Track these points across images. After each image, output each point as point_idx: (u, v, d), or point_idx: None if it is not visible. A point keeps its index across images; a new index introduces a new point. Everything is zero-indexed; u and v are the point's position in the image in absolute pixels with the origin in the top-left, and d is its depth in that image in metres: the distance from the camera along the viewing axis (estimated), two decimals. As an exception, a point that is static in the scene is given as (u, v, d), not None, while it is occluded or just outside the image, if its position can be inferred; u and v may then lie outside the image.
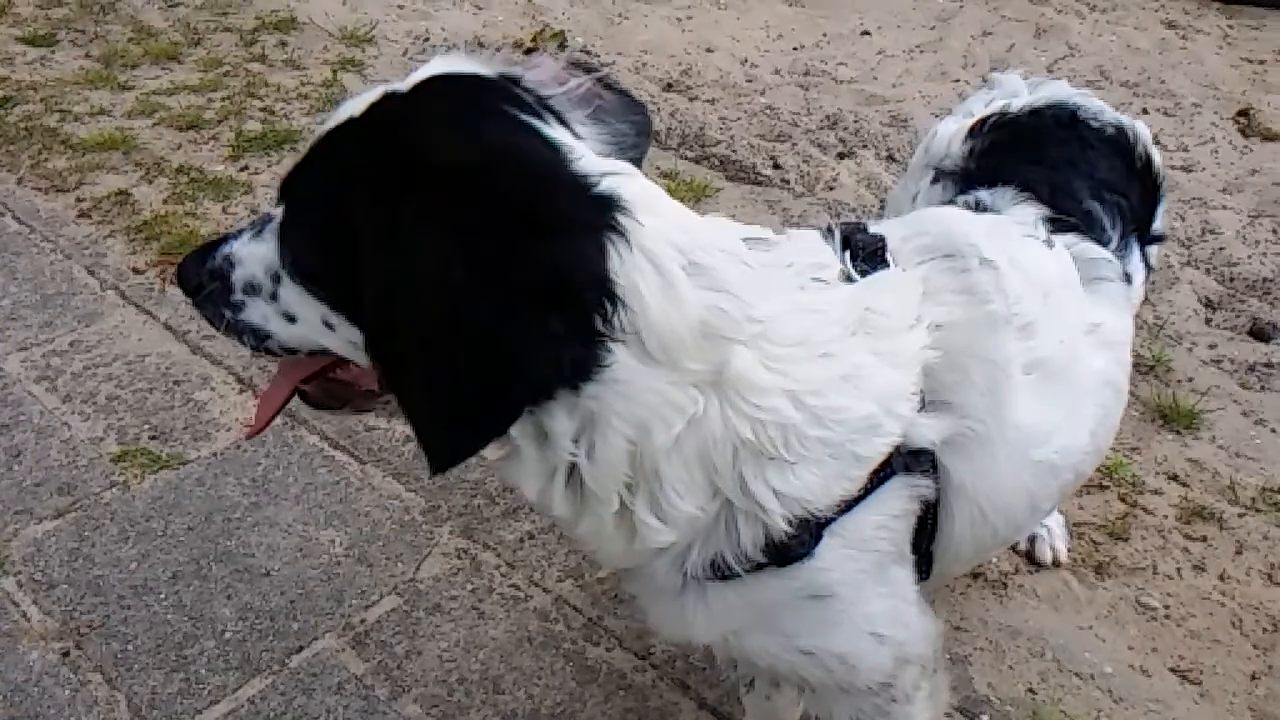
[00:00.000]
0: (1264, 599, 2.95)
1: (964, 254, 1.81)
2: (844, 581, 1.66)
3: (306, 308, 1.55)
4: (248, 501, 3.15)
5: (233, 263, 1.62)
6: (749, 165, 6.24)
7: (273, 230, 1.59)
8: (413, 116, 1.47)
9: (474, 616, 2.81)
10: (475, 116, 1.47)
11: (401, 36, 7.23)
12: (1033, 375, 1.81)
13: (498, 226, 1.31)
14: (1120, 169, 2.31)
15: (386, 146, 1.42)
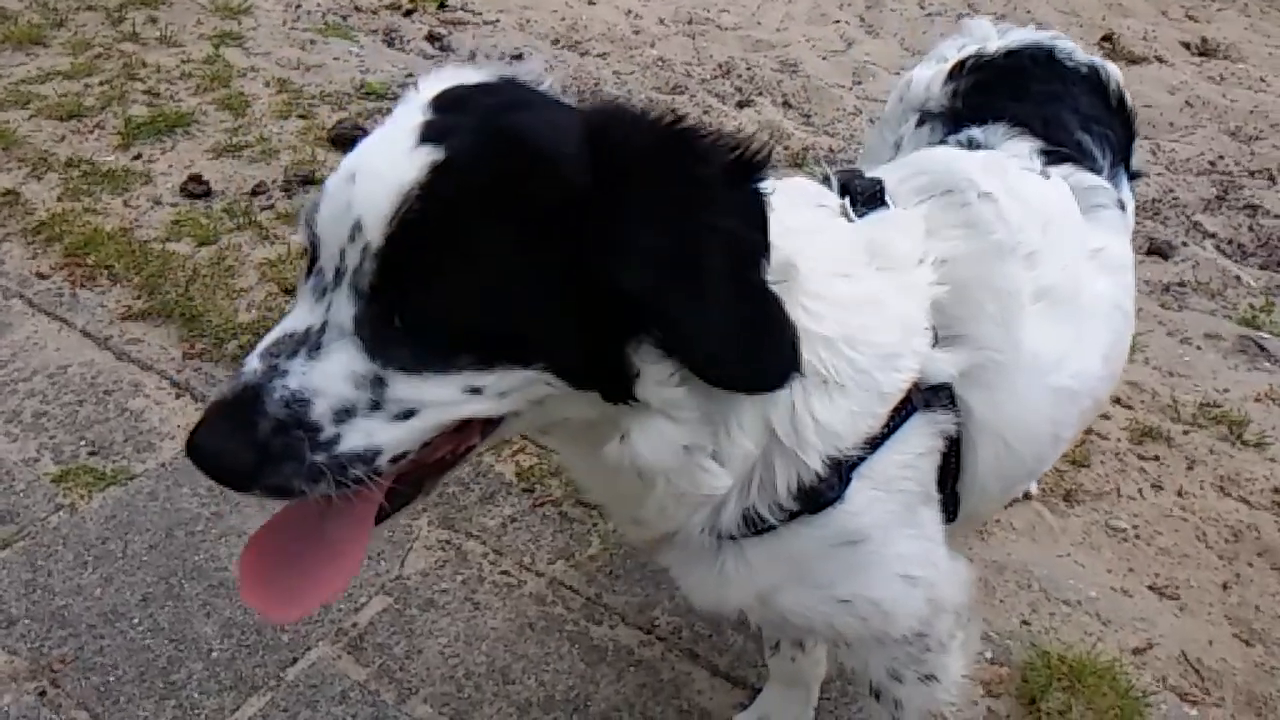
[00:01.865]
0: (1221, 511, 3.09)
1: (962, 189, 1.82)
2: (874, 524, 1.67)
3: (438, 389, 1.35)
4: (208, 512, 3.01)
5: (307, 399, 1.30)
6: (651, 119, 6.18)
7: (343, 337, 1.32)
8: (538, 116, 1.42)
9: (469, 608, 2.75)
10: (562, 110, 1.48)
11: (273, 5, 6.92)
12: (1041, 303, 1.84)
13: (725, 184, 1.38)
14: (1099, 105, 2.36)
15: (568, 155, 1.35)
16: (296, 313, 1.36)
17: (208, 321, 3.66)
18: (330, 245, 1.33)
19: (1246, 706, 2.52)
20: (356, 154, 1.40)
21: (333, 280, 1.33)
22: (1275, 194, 5.86)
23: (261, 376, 1.31)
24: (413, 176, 1.30)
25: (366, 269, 1.30)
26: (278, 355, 1.32)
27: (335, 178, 1.37)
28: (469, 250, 1.30)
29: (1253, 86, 7.36)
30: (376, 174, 1.32)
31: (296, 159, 4.70)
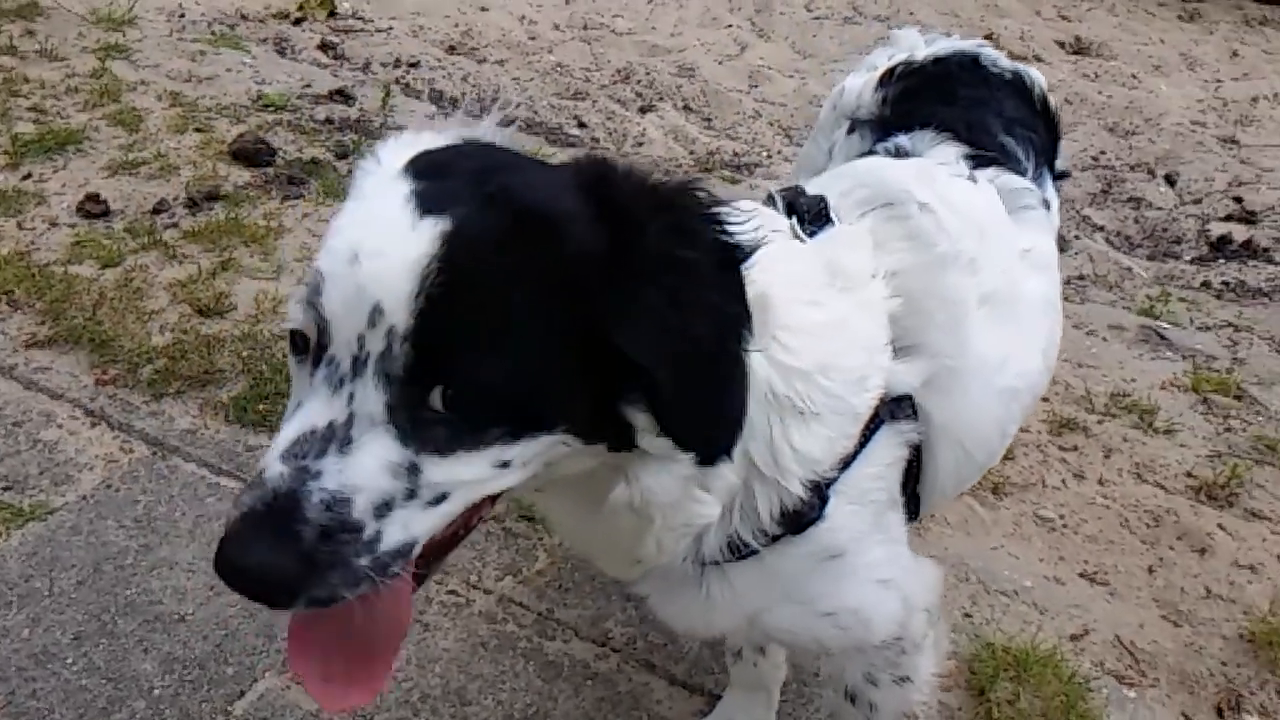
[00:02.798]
0: (1139, 497, 3.23)
1: (902, 201, 1.88)
2: (851, 537, 1.70)
3: (469, 467, 1.31)
4: (136, 544, 2.90)
5: (347, 498, 1.23)
6: (554, 126, 6.18)
7: (374, 427, 1.26)
8: (538, 185, 1.38)
9: (419, 630, 2.70)
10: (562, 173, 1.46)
11: (154, 14, 6.70)
12: (985, 308, 1.90)
13: (717, 264, 1.39)
14: (1023, 109, 2.46)
15: (580, 224, 1.33)
16: (311, 407, 1.27)
17: (120, 346, 3.52)
18: (344, 333, 1.26)
19: (1180, 685, 2.63)
20: (348, 232, 1.32)
21: (351, 369, 1.26)
22: (1155, 187, 6.15)
23: (292, 480, 1.22)
24: (425, 250, 1.24)
25: (398, 353, 1.24)
26: (303, 455, 1.24)
27: (331, 260, 1.29)
28: (497, 320, 1.26)
29: (1125, 83, 7.71)
30: (384, 252, 1.26)
31: (198, 174, 4.56)
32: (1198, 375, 3.79)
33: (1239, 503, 3.21)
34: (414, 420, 1.27)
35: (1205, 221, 5.73)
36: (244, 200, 4.42)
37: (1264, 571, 2.96)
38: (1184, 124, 6.96)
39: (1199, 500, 3.22)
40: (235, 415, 3.32)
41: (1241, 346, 4.11)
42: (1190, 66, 8.18)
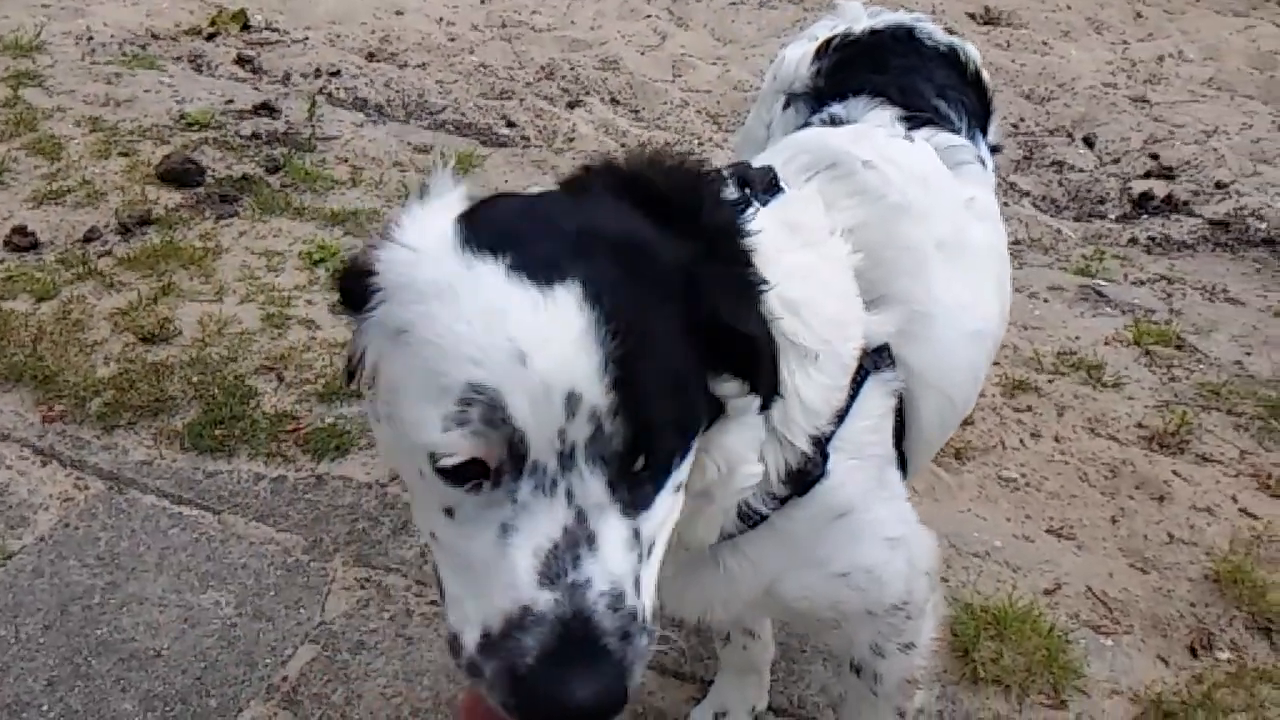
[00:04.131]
0: (1095, 450, 3.31)
1: (845, 161, 1.92)
2: (855, 493, 1.73)
3: (662, 507, 1.32)
4: (103, 583, 2.83)
5: (621, 590, 1.22)
6: (483, 127, 6.14)
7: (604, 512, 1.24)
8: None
9: (403, 644, 2.68)
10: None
11: (61, 38, 6.51)
12: (940, 254, 1.95)
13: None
14: (955, 78, 2.51)
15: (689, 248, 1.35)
16: (534, 523, 1.22)
17: (65, 381, 3.43)
18: (542, 434, 1.20)
19: (1153, 630, 2.71)
20: (485, 333, 1.21)
21: (559, 466, 1.21)
22: (1075, 150, 6.29)
23: (574, 602, 1.19)
24: (584, 318, 1.20)
25: (610, 429, 1.21)
26: (563, 573, 1.20)
27: (492, 369, 1.19)
28: (659, 358, 1.26)
29: (1037, 50, 7.87)
30: (550, 336, 1.20)
31: (127, 199, 4.45)
32: (1138, 329, 3.90)
33: (1190, 449, 3.31)
34: (629, 489, 1.26)
35: (1126, 180, 5.88)
36: (177, 223, 4.33)
37: (1220, 513, 3.06)
38: (1096, 86, 7.12)
39: (1152, 449, 3.31)
40: (191, 442, 3.25)
41: (1176, 298, 4.24)
42: (1097, 30, 8.38)
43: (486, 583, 1.24)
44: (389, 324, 1.32)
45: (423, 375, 1.26)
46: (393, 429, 1.35)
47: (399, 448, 1.35)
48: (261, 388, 3.50)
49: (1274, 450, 3.31)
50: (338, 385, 3.49)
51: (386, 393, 1.36)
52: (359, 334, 1.40)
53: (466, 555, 1.28)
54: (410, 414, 1.28)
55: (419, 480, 1.31)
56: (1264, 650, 2.64)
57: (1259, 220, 5.09)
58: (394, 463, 1.46)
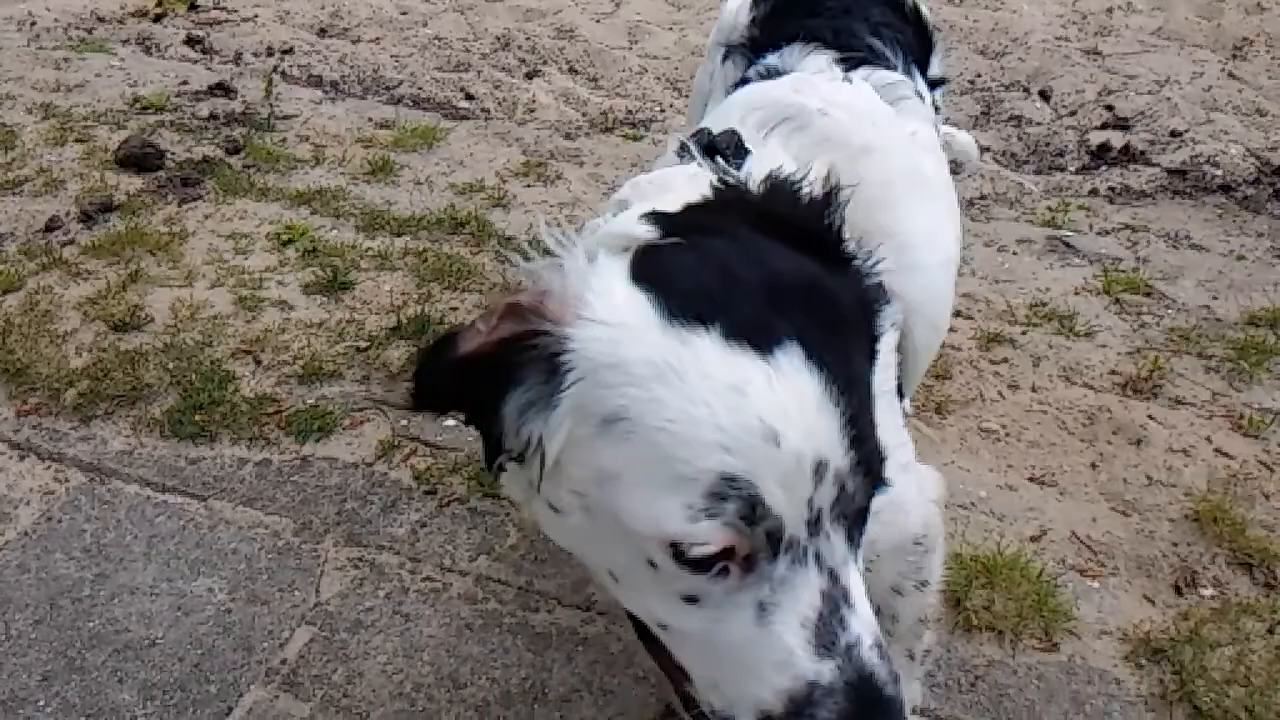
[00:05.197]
0: (1071, 398, 3.36)
1: (798, 113, 1.95)
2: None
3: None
4: (91, 574, 2.80)
5: (880, 644, 1.24)
6: (442, 100, 6.08)
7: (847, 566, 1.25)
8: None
9: (400, 621, 2.68)
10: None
11: (6, 26, 6.37)
12: (906, 187, 2.02)
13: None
14: (891, 15, 2.56)
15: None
16: (793, 598, 1.20)
17: (37, 373, 3.38)
18: (794, 510, 1.19)
19: (1138, 571, 2.77)
20: (732, 419, 1.16)
21: (808, 534, 1.20)
22: (1032, 104, 6.34)
23: (852, 665, 1.19)
24: (814, 385, 1.19)
25: (851, 489, 1.22)
26: (835, 639, 1.20)
27: (742, 456, 1.16)
28: (869, 405, 1.28)
29: (989, 6, 7.90)
30: (792, 411, 1.17)
31: (87, 187, 4.37)
32: (1107, 278, 3.96)
33: (1163, 392, 3.37)
34: (859, 536, 1.28)
35: (1083, 132, 5.93)
36: (140, 208, 4.26)
37: (1196, 454, 3.12)
38: (1049, 40, 7.17)
39: (1126, 395, 3.37)
40: (171, 429, 3.22)
41: (1141, 246, 4.30)
42: (1047, -17, 8.42)
43: (749, 664, 1.22)
44: (592, 410, 1.24)
45: (653, 464, 1.19)
46: (600, 520, 1.29)
47: (610, 537, 1.29)
48: (239, 371, 3.46)
49: (1245, 390, 3.38)
50: (317, 366, 3.47)
51: (590, 483, 1.28)
52: (529, 418, 1.29)
53: (716, 640, 1.25)
54: (638, 505, 1.21)
55: (646, 570, 1.26)
56: (1246, 585, 2.71)
57: (1214, 167, 5.16)
58: (592, 551, 1.40)
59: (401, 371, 3.46)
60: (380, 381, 3.44)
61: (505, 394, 1.30)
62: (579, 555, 1.46)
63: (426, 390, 1.39)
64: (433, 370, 1.38)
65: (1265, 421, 3.23)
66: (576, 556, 1.47)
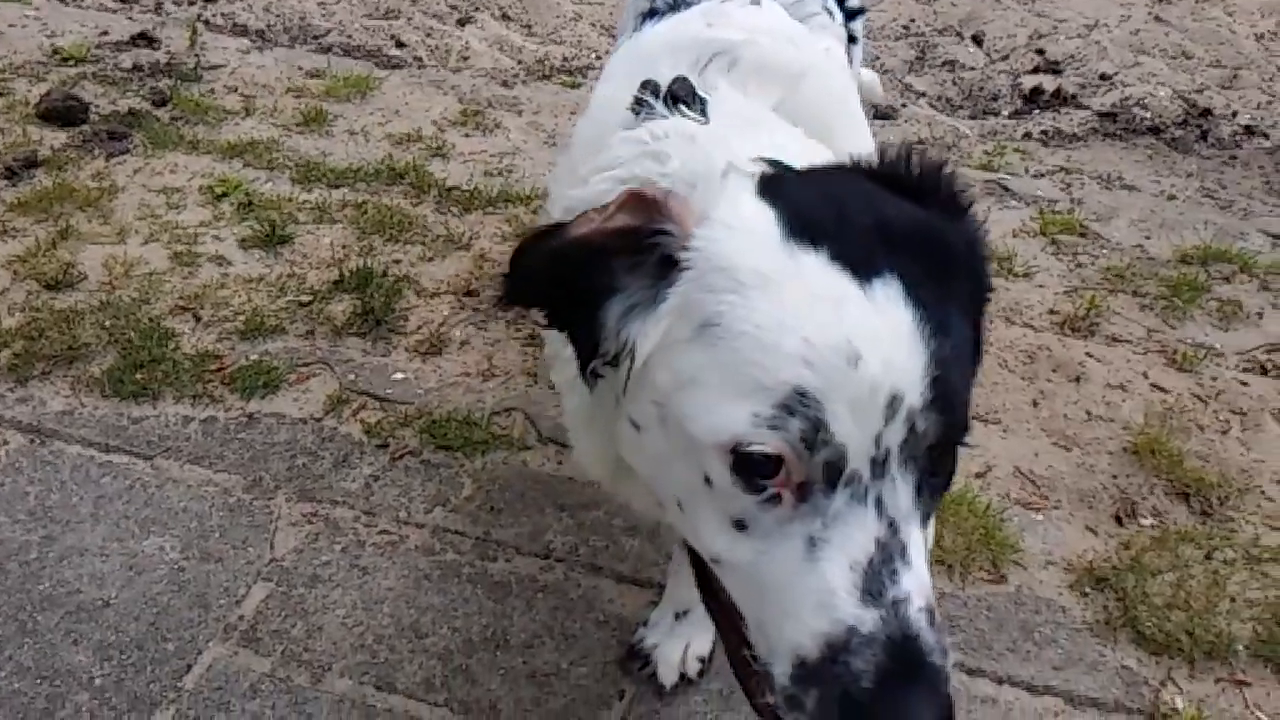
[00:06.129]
0: (1012, 338, 3.43)
1: (725, 48, 1.91)
2: None
3: (927, 531, 1.28)
4: (37, 537, 2.74)
5: (932, 608, 1.17)
6: (373, 49, 5.96)
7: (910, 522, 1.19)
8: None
9: (358, 575, 2.67)
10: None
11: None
12: (845, 103, 2.05)
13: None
14: None
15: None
16: (846, 536, 1.16)
17: (-33, 335, 3.28)
18: (861, 441, 1.15)
19: (1080, 503, 2.85)
20: (820, 334, 1.15)
21: (871, 473, 1.16)
22: (965, 48, 6.39)
23: (898, 619, 1.13)
24: (908, 318, 1.17)
25: (922, 429, 1.16)
26: (882, 589, 1.14)
27: (819, 370, 1.14)
28: (966, 359, 1.24)
29: (920, -49, 7.91)
30: (880, 338, 1.15)
31: (9, 142, 4.22)
32: (1044, 219, 4.03)
33: (1100, 330, 3.46)
34: (929, 495, 1.21)
35: (1016, 76, 6.00)
36: (67, 163, 4.13)
37: (1133, 389, 3.22)
38: (980, -17, 7.21)
39: (1065, 333, 3.45)
40: (112, 389, 3.15)
41: (1075, 187, 4.38)
42: (976, -73, 8.45)
43: (791, 603, 1.18)
44: (692, 313, 1.23)
45: (731, 368, 1.19)
46: (671, 432, 1.26)
47: (676, 450, 1.27)
48: (179, 328, 3.39)
49: (1178, 327, 3.48)
50: (259, 322, 3.41)
51: (668, 388, 1.26)
52: (630, 319, 1.28)
53: (763, 574, 1.22)
54: (708, 410, 1.20)
55: (702, 489, 1.24)
56: (1184, 514, 2.80)
57: (1143, 109, 5.26)
58: (662, 472, 1.35)
59: (346, 325, 3.42)
60: (325, 336, 3.40)
61: (609, 296, 1.30)
62: (651, 481, 1.40)
63: (524, 276, 1.36)
64: (536, 254, 1.35)
65: (1198, 356, 3.33)
66: (650, 484, 1.41)
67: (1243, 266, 3.79)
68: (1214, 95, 5.39)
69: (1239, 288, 3.70)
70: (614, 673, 2.46)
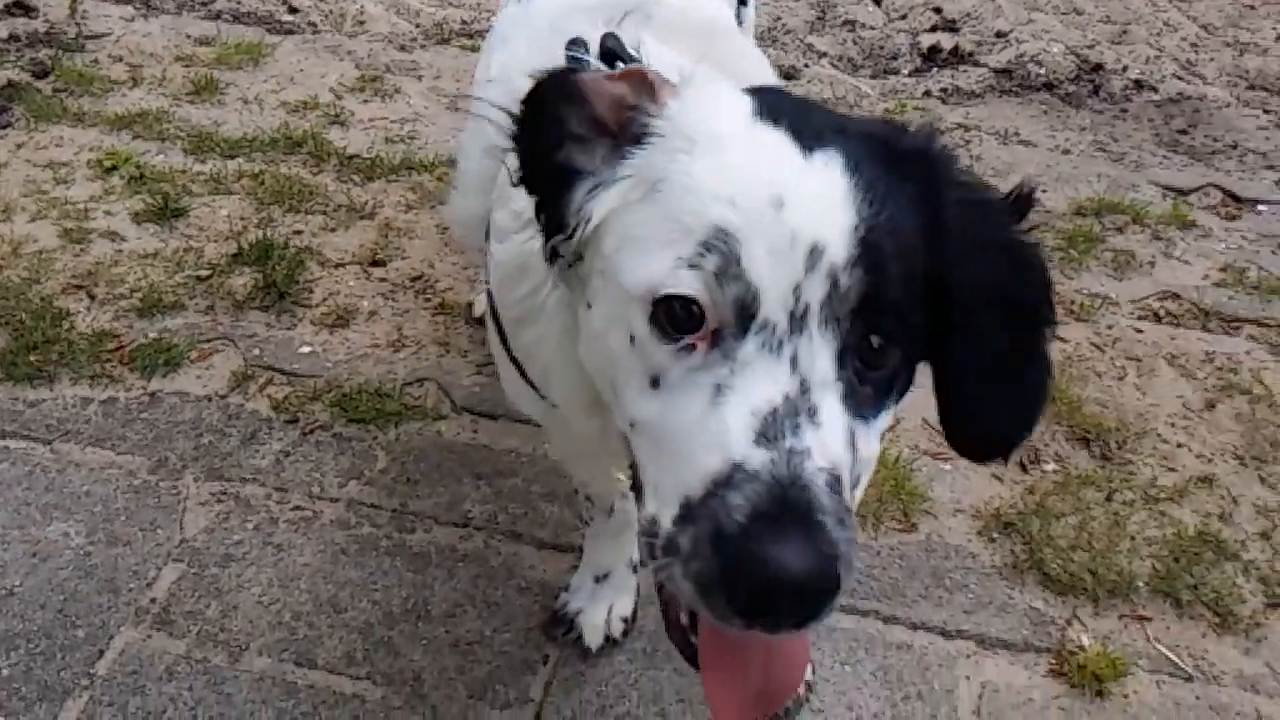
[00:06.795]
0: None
1: (635, 4, 1.91)
2: None
3: (873, 441, 1.28)
4: (-72, 528, 2.65)
5: (839, 475, 1.14)
6: (264, 14, 5.77)
7: (827, 389, 1.16)
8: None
9: (272, 552, 2.62)
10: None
11: None
12: (752, 61, 2.05)
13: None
14: None
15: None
16: (755, 382, 1.15)
17: None
18: (778, 288, 1.16)
19: (986, 451, 2.93)
20: (747, 177, 1.20)
21: (789, 327, 1.16)
22: (864, 8, 6.43)
23: (792, 466, 1.09)
24: (844, 181, 1.20)
25: (845, 284, 1.17)
26: (780, 436, 1.10)
27: (743, 212, 1.17)
28: (907, 244, 1.22)
29: (819, -89, 7.94)
30: (808, 192, 1.18)
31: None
32: (945, 176, 4.09)
33: (1001, 284, 3.53)
34: (855, 374, 1.20)
35: (914, 35, 6.07)
36: (-57, 139, 3.95)
37: (1034, 340, 3.30)
38: (877, -57, 7.27)
39: (968, 288, 3.52)
40: (5, 372, 3.04)
41: (974, 144, 4.46)
42: (872, -114, 8.50)
43: (691, 450, 1.15)
44: (646, 175, 1.28)
45: (666, 220, 1.22)
46: (610, 293, 1.29)
47: (614, 316, 1.28)
48: (73, 308, 3.28)
49: (1075, 278, 3.58)
50: (156, 299, 3.31)
51: (612, 250, 1.29)
52: (593, 194, 1.31)
53: (671, 429, 1.20)
54: (637, 260, 1.24)
55: (627, 350, 1.25)
56: (1084, 459, 2.90)
57: (1038, 66, 5.36)
58: (604, 350, 1.34)
59: (248, 299, 3.34)
60: (226, 310, 3.31)
61: (581, 178, 1.33)
62: (597, 375, 1.40)
63: (536, 107, 1.38)
64: (551, 85, 1.37)
65: (1095, 305, 3.43)
66: (598, 379, 1.40)
67: (1135, 217, 3.91)
68: (1105, 50, 5.51)
69: (1132, 238, 3.82)
70: (538, 638, 2.46)
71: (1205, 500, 2.79)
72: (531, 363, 1.78)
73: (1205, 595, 2.54)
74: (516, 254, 1.67)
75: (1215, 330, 3.38)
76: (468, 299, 3.33)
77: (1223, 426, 3.01)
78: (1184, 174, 4.34)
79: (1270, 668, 2.42)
